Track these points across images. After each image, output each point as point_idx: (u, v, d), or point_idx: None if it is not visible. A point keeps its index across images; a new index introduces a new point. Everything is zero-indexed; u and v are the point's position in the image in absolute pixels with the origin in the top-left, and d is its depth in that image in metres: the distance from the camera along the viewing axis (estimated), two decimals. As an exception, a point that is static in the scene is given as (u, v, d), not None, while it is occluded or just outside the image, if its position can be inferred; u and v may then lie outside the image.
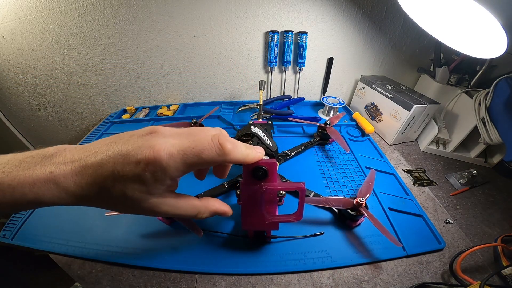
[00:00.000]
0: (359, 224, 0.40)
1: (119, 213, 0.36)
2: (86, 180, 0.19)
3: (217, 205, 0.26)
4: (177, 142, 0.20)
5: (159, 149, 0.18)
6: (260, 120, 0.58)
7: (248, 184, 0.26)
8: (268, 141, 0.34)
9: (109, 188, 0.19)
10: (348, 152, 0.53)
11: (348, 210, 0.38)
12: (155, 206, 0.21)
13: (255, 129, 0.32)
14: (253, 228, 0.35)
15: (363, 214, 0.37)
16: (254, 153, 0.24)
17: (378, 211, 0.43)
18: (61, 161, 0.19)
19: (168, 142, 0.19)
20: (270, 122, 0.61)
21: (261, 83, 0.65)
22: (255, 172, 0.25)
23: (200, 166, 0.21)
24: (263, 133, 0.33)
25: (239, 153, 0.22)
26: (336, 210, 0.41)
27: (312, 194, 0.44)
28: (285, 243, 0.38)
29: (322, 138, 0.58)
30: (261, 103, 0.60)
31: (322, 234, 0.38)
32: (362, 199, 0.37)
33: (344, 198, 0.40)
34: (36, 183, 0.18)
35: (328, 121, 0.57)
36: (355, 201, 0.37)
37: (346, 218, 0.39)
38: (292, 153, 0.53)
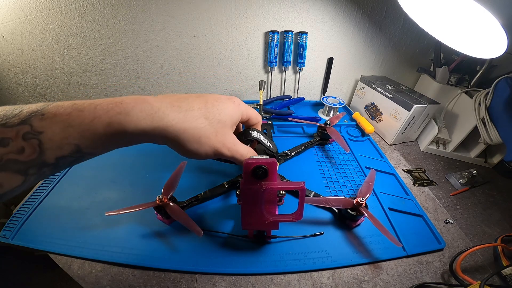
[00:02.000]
0: (359, 224, 0.40)
1: (118, 213, 0.36)
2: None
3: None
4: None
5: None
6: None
7: (248, 184, 0.26)
8: (268, 144, 0.34)
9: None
10: (348, 152, 0.53)
11: (348, 210, 0.38)
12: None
13: (254, 134, 0.32)
14: (253, 228, 0.35)
15: (363, 214, 0.37)
16: None
17: (378, 211, 0.43)
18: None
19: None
20: (270, 122, 0.61)
21: (261, 83, 0.65)
22: (255, 172, 0.25)
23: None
24: (262, 136, 0.34)
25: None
26: (336, 210, 0.41)
27: (312, 194, 0.44)
28: (285, 243, 0.38)
29: (322, 138, 0.58)
30: (261, 103, 0.60)
31: (322, 234, 0.38)
32: (362, 199, 0.37)
33: (344, 198, 0.40)
34: (125, 99, 0.21)
35: (328, 121, 0.57)
36: (355, 201, 0.37)
37: (346, 218, 0.39)
38: (292, 153, 0.53)
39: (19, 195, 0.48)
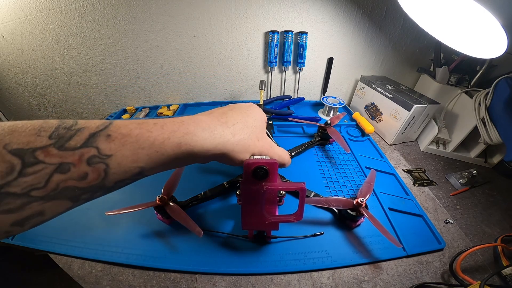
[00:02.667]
0: (359, 225, 0.40)
1: (118, 213, 0.36)
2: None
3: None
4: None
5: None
6: None
7: (249, 184, 0.26)
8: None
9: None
10: (348, 152, 0.53)
11: (348, 211, 0.38)
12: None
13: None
14: (253, 228, 0.35)
15: (363, 215, 0.37)
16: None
17: (378, 211, 0.43)
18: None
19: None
20: (270, 122, 0.61)
21: (262, 83, 0.65)
22: (256, 172, 0.25)
23: None
24: (270, 137, 0.35)
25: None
26: (336, 211, 0.41)
27: (312, 194, 0.44)
28: (285, 243, 0.38)
29: (322, 138, 0.58)
30: (261, 103, 0.60)
31: (322, 234, 0.38)
32: (362, 199, 0.37)
33: (344, 198, 0.40)
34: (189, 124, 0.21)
35: (329, 121, 0.57)
36: (355, 201, 0.37)
37: (346, 219, 0.39)
38: (293, 153, 0.53)
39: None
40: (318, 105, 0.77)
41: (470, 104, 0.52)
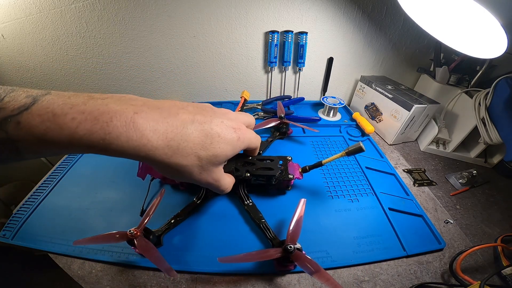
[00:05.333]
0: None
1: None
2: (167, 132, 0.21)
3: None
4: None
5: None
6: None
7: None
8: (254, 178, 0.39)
9: (182, 152, 0.22)
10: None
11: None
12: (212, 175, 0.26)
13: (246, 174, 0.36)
14: None
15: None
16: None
17: (378, 211, 0.43)
18: (141, 103, 0.21)
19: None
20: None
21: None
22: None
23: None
24: (250, 174, 0.37)
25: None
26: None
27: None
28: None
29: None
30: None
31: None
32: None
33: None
34: (113, 120, 0.18)
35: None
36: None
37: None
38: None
39: (19, 195, 0.48)
40: (318, 105, 0.77)
41: (470, 104, 0.52)
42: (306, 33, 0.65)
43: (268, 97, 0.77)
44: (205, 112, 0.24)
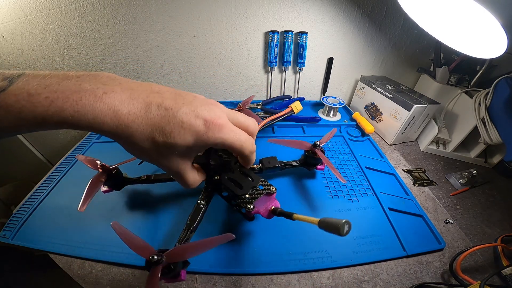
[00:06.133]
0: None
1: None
2: (141, 112, 0.21)
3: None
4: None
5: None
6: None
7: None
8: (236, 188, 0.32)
9: (161, 129, 0.22)
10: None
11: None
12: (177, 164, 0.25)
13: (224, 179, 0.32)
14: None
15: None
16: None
17: (378, 211, 0.43)
18: (116, 83, 0.21)
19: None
20: (263, 180, 0.38)
21: None
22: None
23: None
24: (232, 183, 0.32)
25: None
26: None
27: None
28: (285, 243, 0.38)
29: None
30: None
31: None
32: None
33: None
34: (82, 99, 0.19)
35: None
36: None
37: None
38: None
39: (19, 195, 0.48)
40: (318, 105, 0.77)
41: (470, 104, 0.52)
42: (306, 33, 0.65)
43: (268, 97, 0.77)
44: (180, 99, 0.24)
